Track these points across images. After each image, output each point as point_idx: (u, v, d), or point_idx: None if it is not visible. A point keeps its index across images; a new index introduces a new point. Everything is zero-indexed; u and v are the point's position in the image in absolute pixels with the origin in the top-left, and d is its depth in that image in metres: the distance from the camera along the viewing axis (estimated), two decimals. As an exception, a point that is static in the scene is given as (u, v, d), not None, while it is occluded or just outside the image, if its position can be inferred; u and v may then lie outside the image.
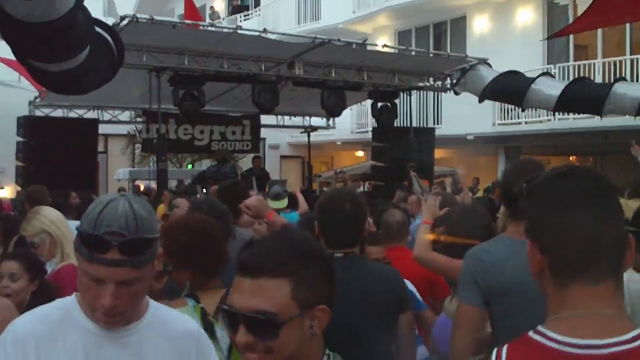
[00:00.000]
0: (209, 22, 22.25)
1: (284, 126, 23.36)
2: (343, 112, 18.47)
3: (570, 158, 30.39)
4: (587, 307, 1.80)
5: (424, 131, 21.41)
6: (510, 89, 17.01)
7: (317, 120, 22.63)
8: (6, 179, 21.72)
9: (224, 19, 34.18)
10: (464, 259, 3.65)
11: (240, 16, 33.19)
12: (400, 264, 4.77)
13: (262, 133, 22.37)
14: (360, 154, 31.44)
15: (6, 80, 23.20)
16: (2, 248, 6.26)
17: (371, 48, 17.93)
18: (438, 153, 22.65)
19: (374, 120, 19.81)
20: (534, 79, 16.63)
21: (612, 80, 18.01)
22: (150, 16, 13.60)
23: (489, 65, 18.05)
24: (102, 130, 20.22)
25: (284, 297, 1.97)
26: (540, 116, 22.22)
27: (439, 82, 19.35)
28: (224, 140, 20.08)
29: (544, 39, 22.25)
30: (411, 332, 4.06)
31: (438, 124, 25.99)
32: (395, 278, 3.94)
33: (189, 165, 27.89)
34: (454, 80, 18.49)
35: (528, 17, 24.70)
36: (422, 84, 19.46)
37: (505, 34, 24.86)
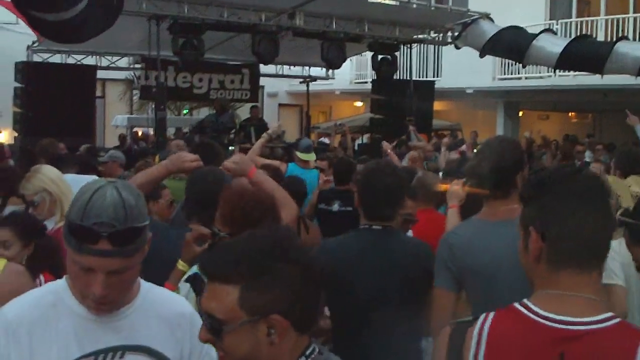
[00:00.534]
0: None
1: (283, 75, 23.24)
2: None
3: (569, 114, 30.38)
4: (570, 290, 2.05)
5: (424, 84, 21.26)
6: (511, 45, 16.91)
7: (317, 71, 22.48)
8: (3, 123, 21.63)
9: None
10: (438, 243, 3.67)
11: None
12: (428, 227, 4.88)
13: (261, 81, 22.27)
14: (359, 104, 31.37)
15: (3, 23, 22.94)
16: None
17: (371, 0, 17.77)
18: (437, 105, 22.58)
19: (374, 72, 19.68)
20: (536, 35, 16.52)
21: (614, 39, 17.94)
22: (150, -38, 13.48)
23: (491, 20, 17.91)
24: (100, 75, 20.06)
25: (230, 304, 1.95)
26: (540, 72, 22.14)
27: (440, 36, 19.21)
28: (223, 89, 19.95)
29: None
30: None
31: (438, 77, 25.88)
32: (427, 253, 3.94)
33: (185, 111, 27.75)
34: (455, 34, 18.37)
35: (532, -28, 24.47)
36: (423, 37, 19.31)
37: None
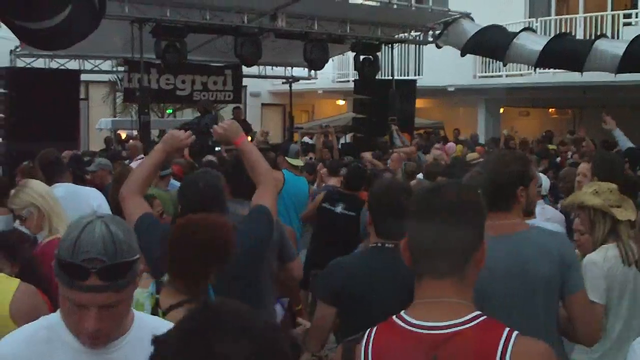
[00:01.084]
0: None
1: (265, 76, 23.30)
2: (324, 61, 18.39)
3: (549, 110, 30.56)
4: (434, 296, 2.24)
5: (406, 83, 21.36)
6: (492, 44, 17.06)
7: (299, 71, 22.53)
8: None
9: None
10: None
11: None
12: None
13: (243, 81, 22.31)
14: (341, 102, 31.43)
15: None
16: None
17: (353, 1, 17.88)
18: (418, 103, 22.68)
19: (356, 71, 19.73)
20: (516, 34, 16.69)
21: (593, 36, 18.11)
22: (131, -34, 13.52)
23: (472, 19, 18.06)
24: (84, 77, 19.99)
25: None
26: (520, 70, 22.31)
27: (421, 35, 19.34)
28: (206, 90, 19.97)
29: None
30: None
31: (419, 75, 25.99)
32: None
33: (169, 110, 27.72)
34: (437, 33, 18.51)
35: (511, -30, 24.61)
36: (405, 37, 19.43)
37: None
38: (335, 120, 23.35)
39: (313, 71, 22.12)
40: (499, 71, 23.50)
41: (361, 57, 18.49)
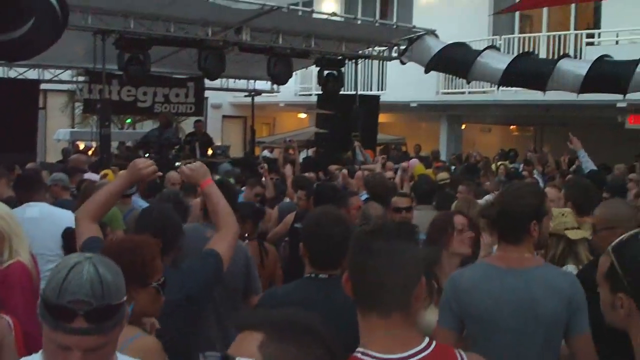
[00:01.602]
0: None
1: (228, 89, 23.13)
2: (287, 75, 18.29)
3: (511, 127, 30.80)
4: (388, 331, 2.41)
5: (369, 99, 21.36)
6: (456, 61, 17.11)
7: (262, 84, 22.41)
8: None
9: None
10: (445, 283, 3.71)
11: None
12: None
13: (205, 92, 22.09)
14: (303, 116, 31.37)
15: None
16: None
17: (318, 16, 17.84)
18: (381, 118, 22.72)
19: (319, 85, 19.65)
20: (480, 52, 16.75)
21: (556, 54, 18.24)
22: (94, -24, 13.31)
23: (436, 36, 18.10)
24: (41, 85, 19.81)
25: None
26: (483, 87, 22.40)
27: (386, 51, 19.33)
28: (167, 102, 19.77)
29: (491, 14, 22.43)
30: None
31: (382, 90, 26.02)
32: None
33: (128, 120, 27.46)
34: (402, 49, 18.52)
35: (474, -13, 24.76)
36: (369, 53, 19.41)
37: (451, 3, 24.83)
38: (297, 135, 23.25)
39: (276, 85, 22.04)
40: (462, 88, 23.58)
41: (325, 72, 18.43)
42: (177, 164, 14.35)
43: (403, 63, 18.71)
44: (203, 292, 4.08)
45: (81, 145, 23.99)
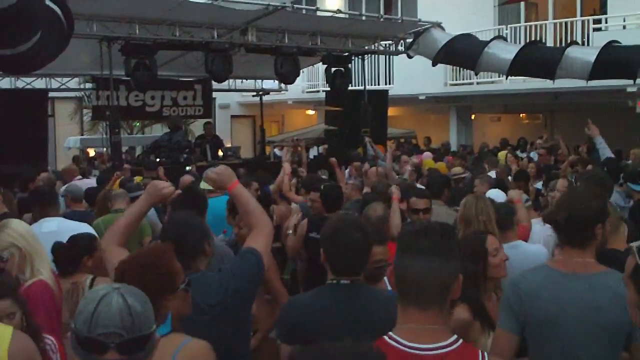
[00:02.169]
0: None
1: (235, 90, 23.09)
2: (294, 73, 18.24)
3: (521, 115, 30.68)
4: (420, 323, 2.66)
5: (377, 94, 21.29)
6: (463, 53, 17.04)
7: (269, 83, 22.38)
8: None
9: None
10: (506, 284, 3.73)
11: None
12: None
13: (212, 94, 22.06)
14: (311, 112, 31.33)
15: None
16: None
17: (322, 14, 17.78)
18: (390, 112, 22.67)
19: (327, 83, 19.59)
20: (487, 43, 16.68)
21: (563, 42, 18.13)
22: (99, -16, 13.26)
23: (442, 28, 18.01)
24: (49, 93, 19.83)
25: None
26: (492, 77, 22.31)
27: (392, 45, 19.26)
28: (176, 105, 19.77)
29: (496, 5, 22.35)
30: None
31: (390, 84, 25.95)
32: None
33: (136, 124, 27.44)
34: (408, 43, 18.45)
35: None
36: (375, 48, 19.34)
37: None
38: (307, 133, 23.22)
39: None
40: (470, 78, 23.48)
41: (332, 69, 18.37)
42: (188, 167, 14.35)
43: (410, 57, 18.64)
44: (248, 290, 4.10)
45: (91, 152, 24.03)
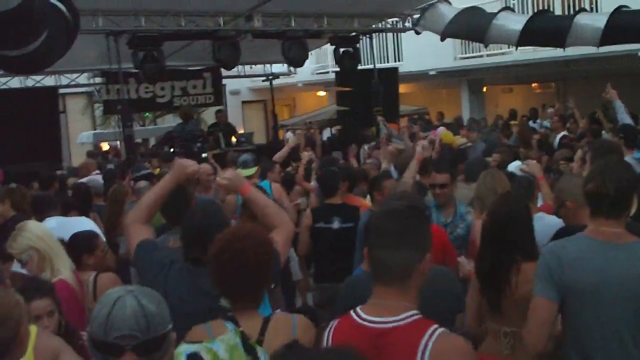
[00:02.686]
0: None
1: (245, 76, 23.08)
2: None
3: (533, 85, 30.50)
4: (383, 299, 2.86)
5: (387, 72, 21.19)
6: (471, 26, 16.85)
7: (278, 67, 22.35)
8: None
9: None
10: (542, 253, 3.70)
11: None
12: None
13: (222, 81, 22.00)
14: (322, 93, 31.29)
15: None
16: None
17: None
18: (401, 89, 22.60)
19: (336, 64, 19.50)
20: (495, 14, 16.49)
21: (572, 10, 17.95)
22: (102, -22, 13.27)
23: (449, 2, 17.86)
24: (60, 89, 19.88)
25: None
26: (502, 48, 22.17)
27: (400, 22, 19.14)
28: (186, 95, 19.75)
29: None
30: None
31: (399, 61, 25.85)
32: (453, 279, 4.24)
33: (146, 115, 27.44)
34: (415, 19, 18.32)
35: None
36: (382, 26, 19.24)
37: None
38: (319, 115, 23.20)
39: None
40: (480, 51, 23.33)
41: (341, 50, 18.30)
42: (204, 155, 14.37)
43: (418, 33, 18.50)
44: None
45: (105, 146, 24.08)
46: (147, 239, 4.12)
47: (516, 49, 18.01)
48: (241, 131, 21.93)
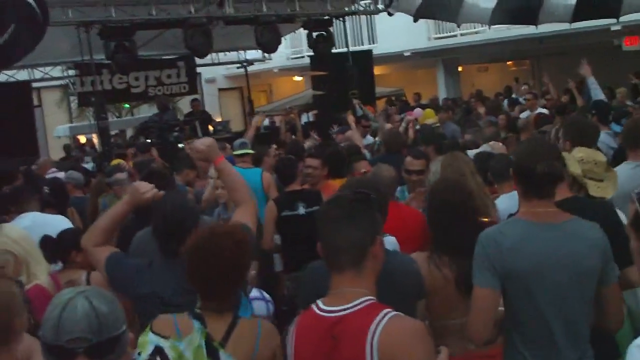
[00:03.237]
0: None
1: (219, 63, 22.91)
2: (277, 41, 18.08)
3: (507, 63, 30.58)
4: (337, 287, 2.86)
5: (362, 54, 21.16)
6: (443, 6, 16.83)
7: (253, 53, 22.23)
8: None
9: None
10: (479, 240, 3.59)
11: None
12: (394, 222, 4.60)
13: (197, 69, 21.91)
14: (299, 78, 31.21)
15: None
16: None
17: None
18: (376, 70, 22.53)
19: (310, 47, 19.45)
20: (467, -6, 16.51)
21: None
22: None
23: (420, -18, 17.83)
24: (35, 83, 19.74)
25: None
26: (475, 27, 22.19)
27: (372, 4, 19.10)
28: (160, 85, 19.58)
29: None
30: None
31: (373, 43, 25.81)
32: (416, 269, 4.06)
33: (125, 105, 27.28)
34: (387, 1, 18.27)
35: None
36: (355, 9, 19.18)
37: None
38: (295, 99, 23.13)
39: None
40: (454, 31, 23.37)
41: (314, 34, 18.23)
42: (180, 145, 14.30)
43: (390, 15, 18.46)
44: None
45: (82, 139, 23.94)
46: (114, 251, 4.06)
47: (489, 27, 17.99)
48: (218, 119, 21.85)
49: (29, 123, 17.25)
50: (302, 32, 20.61)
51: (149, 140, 15.49)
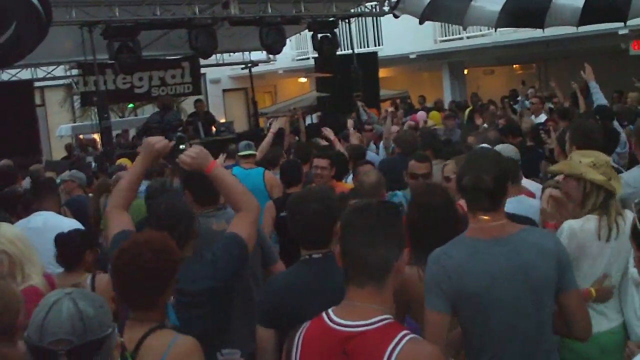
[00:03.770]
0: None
1: (224, 64, 22.87)
2: (282, 43, 18.01)
3: (514, 67, 30.47)
4: (355, 300, 2.72)
5: (367, 56, 21.08)
6: (450, 9, 16.76)
7: (257, 54, 22.18)
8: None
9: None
10: (427, 263, 3.49)
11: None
12: None
13: (201, 70, 21.88)
14: (303, 80, 31.12)
15: None
16: None
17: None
18: (381, 73, 22.52)
19: (314, 49, 19.36)
20: (473, -4, 16.42)
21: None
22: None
23: (426, -16, 17.74)
24: (38, 83, 19.69)
25: None
26: (481, 30, 22.12)
27: (377, 6, 19.01)
28: (164, 85, 19.58)
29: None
30: None
31: (379, 45, 25.74)
32: None
33: (130, 105, 27.25)
34: (393, 3, 18.18)
35: None
36: (360, 11, 19.10)
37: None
38: (299, 101, 23.04)
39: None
40: (460, 33, 23.27)
41: (319, 36, 18.15)
42: (182, 146, 14.18)
43: (396, 17, 18.38)
44: (231, 280, 3.96)
45: (82, 138, 23.88)
46: (123, 230, 3.96)
47: (495, 30, 17.91)
48: (222, 120, 21.78)
49: (31, 122, 17.23)
50: (307, 34, 20.57)
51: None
